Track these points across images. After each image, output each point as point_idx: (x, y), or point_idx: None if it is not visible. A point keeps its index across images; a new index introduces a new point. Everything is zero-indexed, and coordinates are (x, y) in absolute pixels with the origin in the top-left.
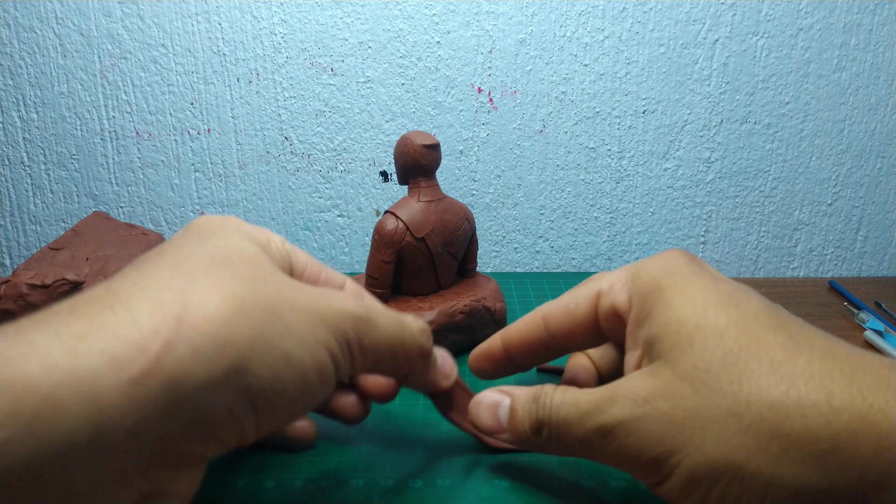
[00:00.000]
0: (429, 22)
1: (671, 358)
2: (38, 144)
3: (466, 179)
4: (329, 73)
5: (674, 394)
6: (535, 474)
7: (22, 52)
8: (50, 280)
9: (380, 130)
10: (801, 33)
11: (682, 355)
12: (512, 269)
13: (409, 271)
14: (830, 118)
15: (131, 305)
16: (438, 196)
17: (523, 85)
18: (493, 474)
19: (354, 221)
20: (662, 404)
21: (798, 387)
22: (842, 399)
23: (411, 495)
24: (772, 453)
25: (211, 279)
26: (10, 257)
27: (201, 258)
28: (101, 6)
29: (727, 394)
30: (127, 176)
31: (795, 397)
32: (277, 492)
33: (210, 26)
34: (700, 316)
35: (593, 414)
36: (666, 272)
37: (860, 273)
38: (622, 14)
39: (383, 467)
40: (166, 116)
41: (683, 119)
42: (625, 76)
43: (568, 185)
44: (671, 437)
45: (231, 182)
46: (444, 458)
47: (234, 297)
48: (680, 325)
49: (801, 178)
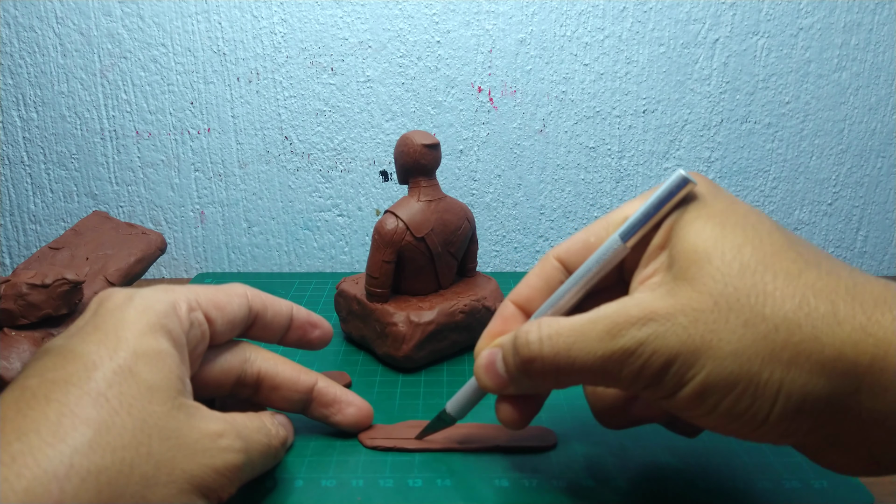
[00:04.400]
0: (429, 21)
1: (690, 275)
2: (38, 144)
3: (466, 179)
4: (329, 73)
5: (694, 308)
6: (535, 474)
7: (22, 51)
8: (50, 279)
9: (380, 130)
10: (801, 33)
11: (700, 271)
12: (512, 269)
13: (409, 271)
14: (830, 118)
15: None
16: (438, 196)
17: (523, 84)
18: (493, 474)
19: (354, 221)
20: (683, 319)
21: (808, 299)
22: (845, 312)
23: (411, 495)
24: (783, 361)
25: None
26: (10, 257)
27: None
28: (101, 6)
29: (744, 306)
30: (127, 175)
31: (806, 309)
32: (277, 492)
33: (210, 26)
34: (718, 234)
35: (608, 339)
36: (689, 196)
37: None
38: (622, 14)
39: (383, 467)
40: (166, 116)
41: (683, 119)
42: (625, 76)
43: (568, 184)
44: (690, 349)
45: (231, 181)
46: (444, 458)
47: (108, 486)
48: (699, 243)
49: (801, 177)
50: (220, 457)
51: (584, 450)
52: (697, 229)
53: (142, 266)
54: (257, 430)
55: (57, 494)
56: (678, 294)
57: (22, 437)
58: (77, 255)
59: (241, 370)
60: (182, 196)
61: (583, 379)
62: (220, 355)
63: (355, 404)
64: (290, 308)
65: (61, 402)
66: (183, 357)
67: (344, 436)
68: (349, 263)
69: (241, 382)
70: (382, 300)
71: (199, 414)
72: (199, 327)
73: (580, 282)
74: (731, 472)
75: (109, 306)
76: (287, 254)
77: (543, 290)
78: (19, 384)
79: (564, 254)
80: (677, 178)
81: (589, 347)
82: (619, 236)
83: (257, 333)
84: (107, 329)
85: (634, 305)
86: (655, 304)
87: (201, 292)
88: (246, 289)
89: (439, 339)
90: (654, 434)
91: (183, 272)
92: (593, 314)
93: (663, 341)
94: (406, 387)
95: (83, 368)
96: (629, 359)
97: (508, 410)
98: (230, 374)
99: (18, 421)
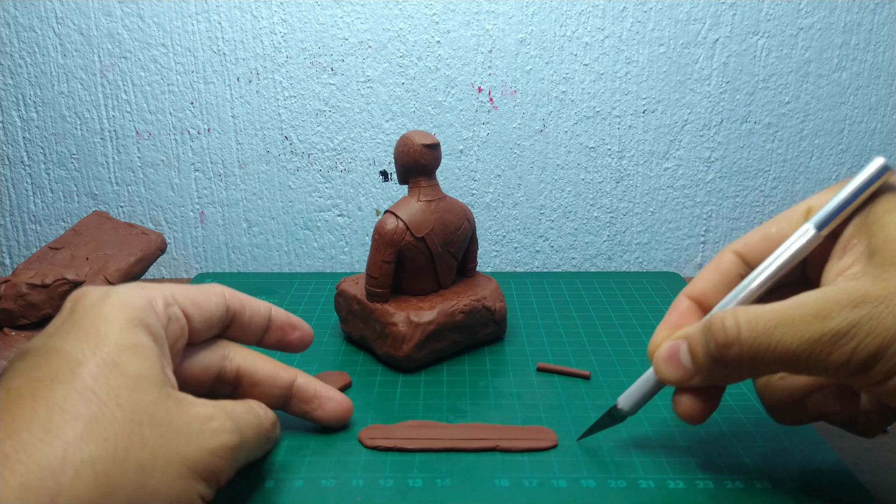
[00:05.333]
0: (429, 21)
1: None
2: (38, 144)
3: (466, 179)
4: (329, 73)
5: None
6: (536, 474)
7: (22, 51)
8: (50, 279)
9: (380, 130)
10: (801, 33)
11: None
12: (512, 269)
13: (409, 271)
14: (830, 118)
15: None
16: (438, 196)
17: (523, 84)
18: (493, 474)
19: (354, 221)
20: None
21: None
22: None
23: (411, 495)
24: None
25: (85, 447)
26: (10, 257)
27: (78, 398)
28: (101, 6)
29: None
30: (127, 175)
31: None
32: (277, 492)
33: (210, 26)
34: None
35: (816, 321)
36: (884, 186)
37: None
38: (622, 13)
39: (383, 467)
40: (166, 116)
41: (683, 119)
42: (625, 76)
43: (568, 184)
44: None
45: (231, 181)
46: (444, 458)
47: (104, 475)
48: None
49: (801, 177)
50: (214, 438)
51: (584, 450)
52: None
53: (142, 266)
54: (247, 412)
55: (53, 487)
56: (889, 279)
57: (13, 436)
58: (77, 255)
59: (221, 367)
60: (182, 196)
61: (783, 366)
62: (199, 353)
63: (335, 399)
64: (269, 309)
65: (49, 399)
66: (163, 351)
67: (344, 436)
68: (349, 263)
69: (220, 379)
70: (382, 300)
71: (187, 400)
72: (178, 322)
73: (767, 272)
74: (732, 472)
75: (86, 303)
76: (287, 254)
77: (720, 284)
78: (4, 386)
79: (743, 247)
80: (878, 166)
81: (794, 331)
82: (815, 225)
83: (235, 333)
84: (86, 326)
85: (840, 291)
86: (867, 288)
87: (178, 290)
88: (223, 288)
89: (439, 339)
90: (655, 434)
91: (183, 272)
92: (795, 300)
93: (878, 322)
94: (406, 387)
95: (67, 365)
96: (840, 341)
97: (690, 403)
98: (209, 371)
99: (8, 420)
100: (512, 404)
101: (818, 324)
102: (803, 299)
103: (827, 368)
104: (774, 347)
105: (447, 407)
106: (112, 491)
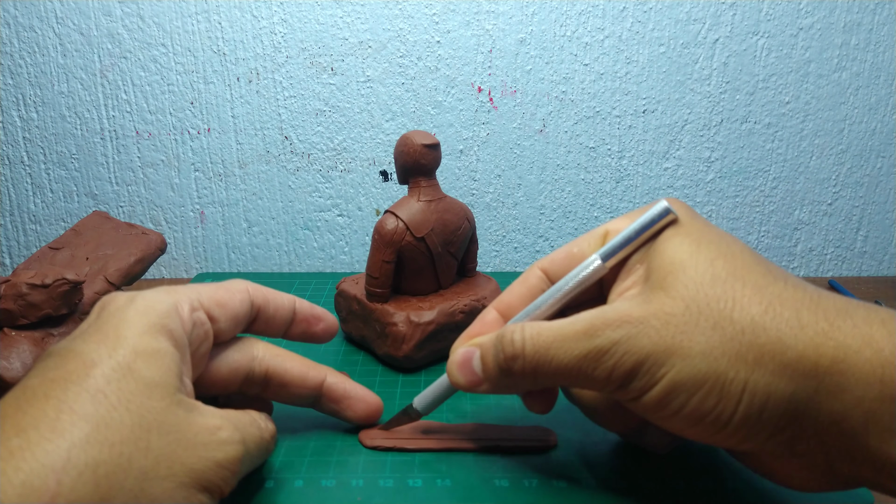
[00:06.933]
0: (429, 21)
1: (665, 284)
2: (38, 144)
3: (466, 179)
4: (329, 73)
5: (666, 312)
6: (535, 474)
7: (22, 51)
8: (50, 279)
9: (380, 130)
10: (801, 33)
11: (675, 280)
12: (512, 269)
13: (409, 271)
14: (830, 118)
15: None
16: (438, 196)
17: (523, 84)
18: (493, 474)
19: (354, 221)
20: (655, 322)
21: (774, 306)
22: (808, 318)
23: (411, 495)
24: (748, 361)
25: (90, 449)
26: (10, 257)
27: (89, 400)
28: (101, 5)
29: (714, 310)
30: (127, 175)
31: (771, 315)
32: (277, 492)
33: (210, 26)
34: (693, 249)
35: (584, 339)
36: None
37: (860, 273)
38: (622, 13)
39: (383, 467)
40: (166, 116)
41: (683, 119)
42: (625, 76)
43: (568, 184)
44: (661, 349)
45: (231, 181)
46: (444, 458)
47: (105, 479)
48: (675, 257)
49: (801, 177)
50: (221, 449)
51: (584, 450)
52: (675, 245)
53: (142, 266)
54: (250, 424)
55: (54, 487)
56: (653, 301)
57: (21, 434)
58: (77, 255)
59: (250, 368)
60: (182, 196)
61: (559, 379)
62: (227, 354)
63: (365, 400)
64: (293, 302)
65: (60, 399)
66: (184, 357)
67: (344, 436)
68: (349, 263)
69: (249, 380)
70: (382, 300)
71: (197, 409)
72: (202, 327)
73: (558, 294)
74: (732, 472)
75: (112, 309)
76: (287, 254)
77: (526, 298)
78: (22, 384)
79: (548, 265)
80: (661, 208)
81: (567, 347)
82: (600, 256)
83: (260, 328)
84: (107, 329)
85: (611, 311)
86: (631, 310)
87: (203, 291)
88: (247, 284)
89: (439, 339)
90: None
91: (183, 272)
92: (573, 318)
93: (636, 342)
94: (406, 387)
95: (82, 366)
96: (603, 357)
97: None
98: (238, 373)
99: (18, 418)
100: (512, 404)
101: (586, 341)
102: (580, 317)
103: (594, 383)
104: (550, 361)
105: (447, 407)
106: (112, 495)
